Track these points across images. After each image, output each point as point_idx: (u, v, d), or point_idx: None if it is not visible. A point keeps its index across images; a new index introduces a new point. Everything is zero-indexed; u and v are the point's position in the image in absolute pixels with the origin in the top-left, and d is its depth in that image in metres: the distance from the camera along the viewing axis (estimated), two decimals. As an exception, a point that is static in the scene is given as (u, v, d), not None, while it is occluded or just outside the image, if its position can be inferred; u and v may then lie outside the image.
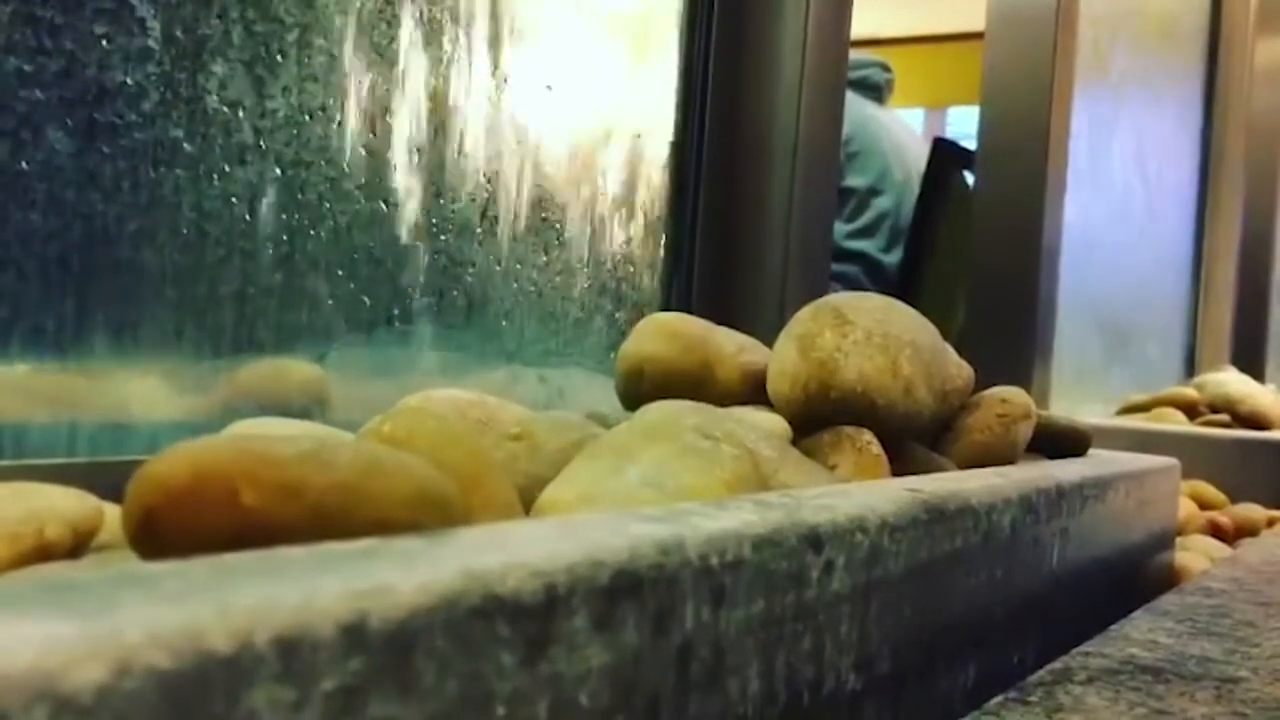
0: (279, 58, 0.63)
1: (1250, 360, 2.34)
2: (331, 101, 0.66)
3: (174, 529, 0.23)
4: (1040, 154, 1.48)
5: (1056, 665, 0.45)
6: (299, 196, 0.65)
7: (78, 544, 0.35)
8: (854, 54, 2.28)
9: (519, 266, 0.81)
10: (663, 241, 0.97)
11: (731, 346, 0.62)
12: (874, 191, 2.15)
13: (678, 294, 0.98)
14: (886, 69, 2.27)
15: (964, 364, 0.62)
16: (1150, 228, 2.10)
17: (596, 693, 0.24)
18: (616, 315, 0.91)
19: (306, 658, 0.18)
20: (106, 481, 0.37)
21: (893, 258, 2.14)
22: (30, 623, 0.15)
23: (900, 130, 2.30)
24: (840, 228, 2.13)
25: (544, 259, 0.84)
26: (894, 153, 2.17)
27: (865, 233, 2.14)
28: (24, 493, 0.35)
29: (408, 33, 0.71)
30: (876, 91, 2.24)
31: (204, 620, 0.17)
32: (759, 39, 1.01)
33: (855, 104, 2.15)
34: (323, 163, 0.66)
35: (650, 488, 0.36)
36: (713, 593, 0.28)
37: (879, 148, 2.16)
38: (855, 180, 2.14)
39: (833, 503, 0.35)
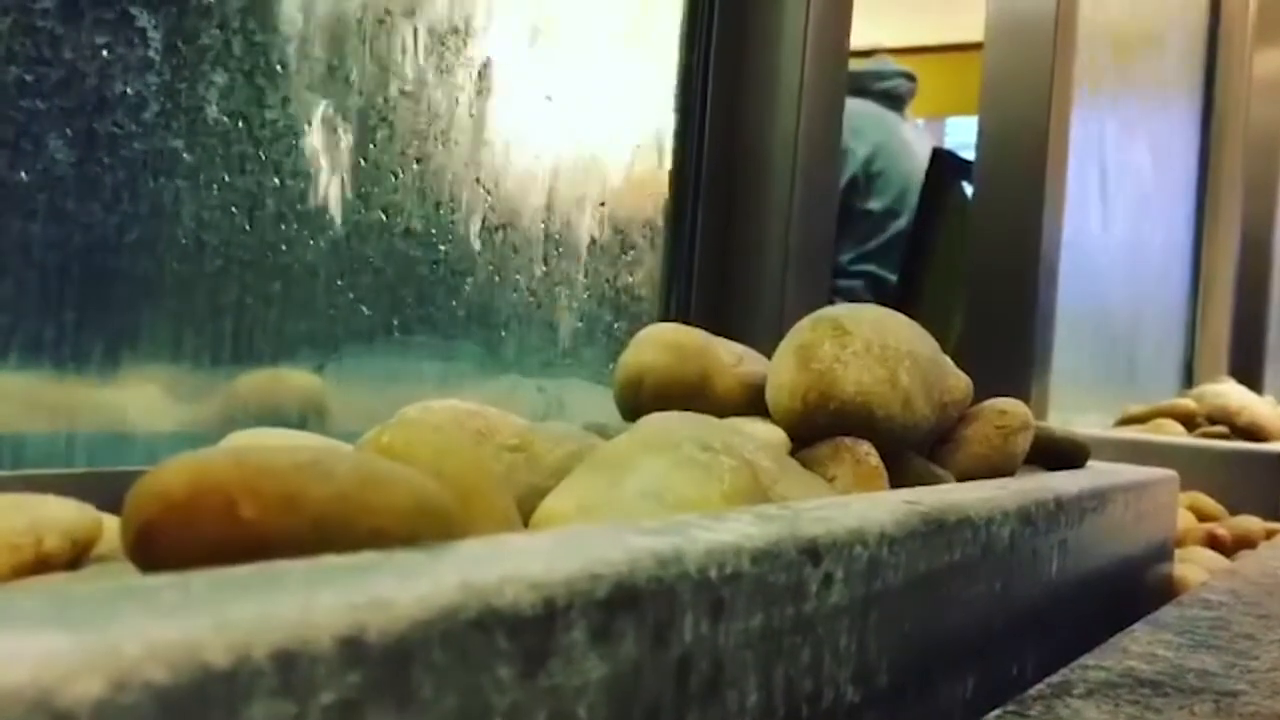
0: (279, 68, 0.63)
1: (1248, 371, 2.34)
2: (330, 112, 0.66)
3: (172, 541, 0.23)
4: (1038, 165, 1.48)
5: (1055, 678, 0.45)
6: (298, 206, 0.65)
7: (76, 555, 0.35)
8: (879, 63, 2.28)
9: (518, 277, 0.81)
10: (662, 252, 0.97)
11: (730, 357, 0.62)
12: (892, 214, 2.14)
13: (677, 304, 0.98)
14: (911, 78, 2.25)
15: (962, 375, 0.62)
16: (1148, 238, 2.11)
17: (595, 706, 0.24)
18: (615, 326, 0.91)
19: (305, 671, 0.18)
20: (105, 492, 0.37)
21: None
22: (28, 636, 0.15)
23: (920, 145, 2.29)
24: (853, 250, 2.13)
25: (543, 269, 0.84)
26: (913, 172, 2.16)
27: (877, 255, 2.14)
28: (23, 504, 0.34)
29: (407, 43, 0.71)
30: (899, 102, 2.23)
31: (202, 634, 0.17)
32: (758, 50, 1.01)
33: (880, 119, 2.15)
34: (322, 172, 0.66)
35: (649, 499, 0.36)
36: (711, 605, 0.28)
37: (899, 168, 2.15)
38: (874, 203, 2.13)
39: (831, 515, 0.35)
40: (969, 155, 1.73)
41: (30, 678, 0.15)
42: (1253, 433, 1.52)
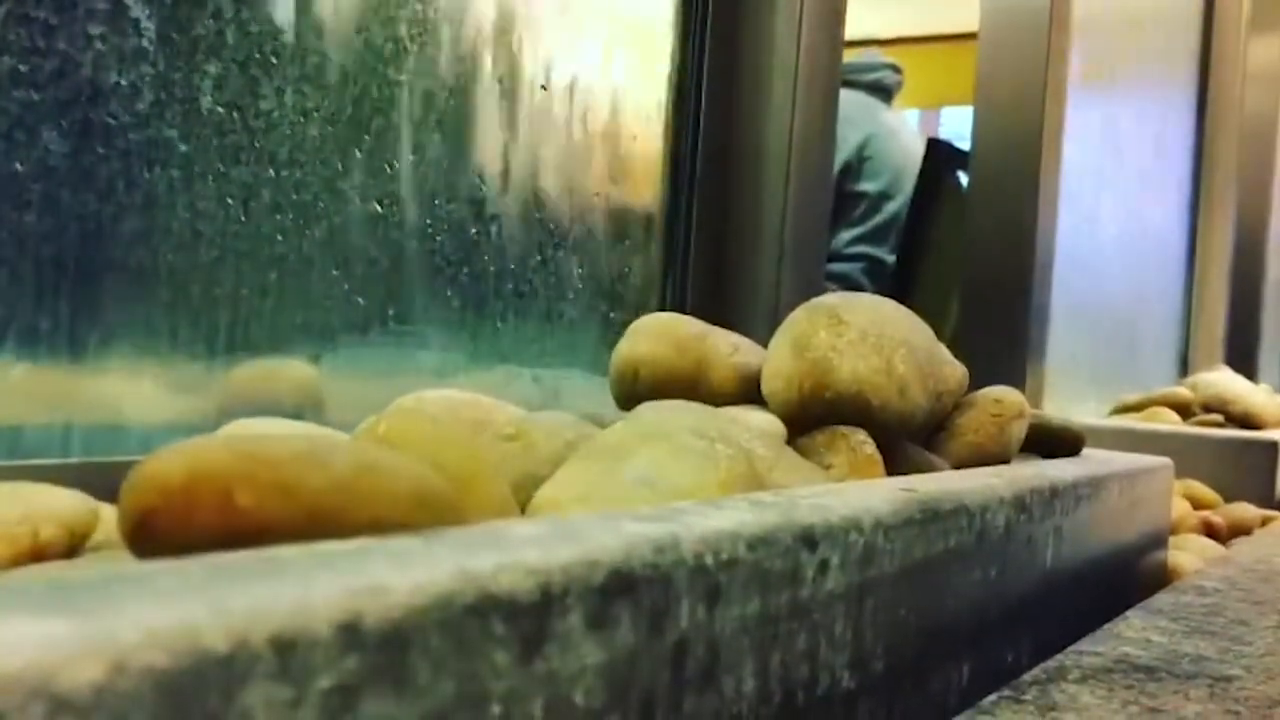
0: (273, 58, 0.63)
1: (1243, 360, 2.35)
2: (326, 102, 0.66)
3: (169, 529, 0.23)
4: (1033, 154, 1.48)
5: (1050, 664, 0.45)
6: (294, 197, 0.65)
7: (73, 544, 0.35)
8: (867, 56, 2.30)
9: (514, 267, 0.81)
10: (657, 242, 0.97)
11: (726, 347, 0.62)
12: (885, 196, 2.16)
13: (673, 294, 0.98)
14: (897, 70, 2.28)
15: (958, 364, 0.63)
16: (1144, 227, 2.11)
17: (591, 691, 0.24)
18: (611, 316, 0.91)
19: (302, 656, 0.18)
20: (102, 482, 0.37)
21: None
22: (27, 622, 0.15)
23: (907, 134, 2.32)
24: (849, 232, 2.14)
25: (538, 259, 0.84)
26: (904, 158, 2.18)
27: (873, 236, 2.15)
28: (19, 493, 0.35)
29: (402, 33, 0.71)
30: (886, 93, 2.25)
31: (200, 619, 0.17)
32: (753, 40, 1.01)
33: (869, 108, 2.17)
34: (318, 163, 0.66)
35: (645, 487, 0.36)
36: (708, 592, 0.28)
37: (890, 153, 2.17)
38: (867, 185, 2.15)
39: (827, 502, 0.36)
40: (965, 145, 1.73)
41: (30, 663, 0.15)
42: (1247, 421, 1.52)
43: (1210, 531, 1.03)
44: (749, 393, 0.59)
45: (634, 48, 0.94)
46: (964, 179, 1.82)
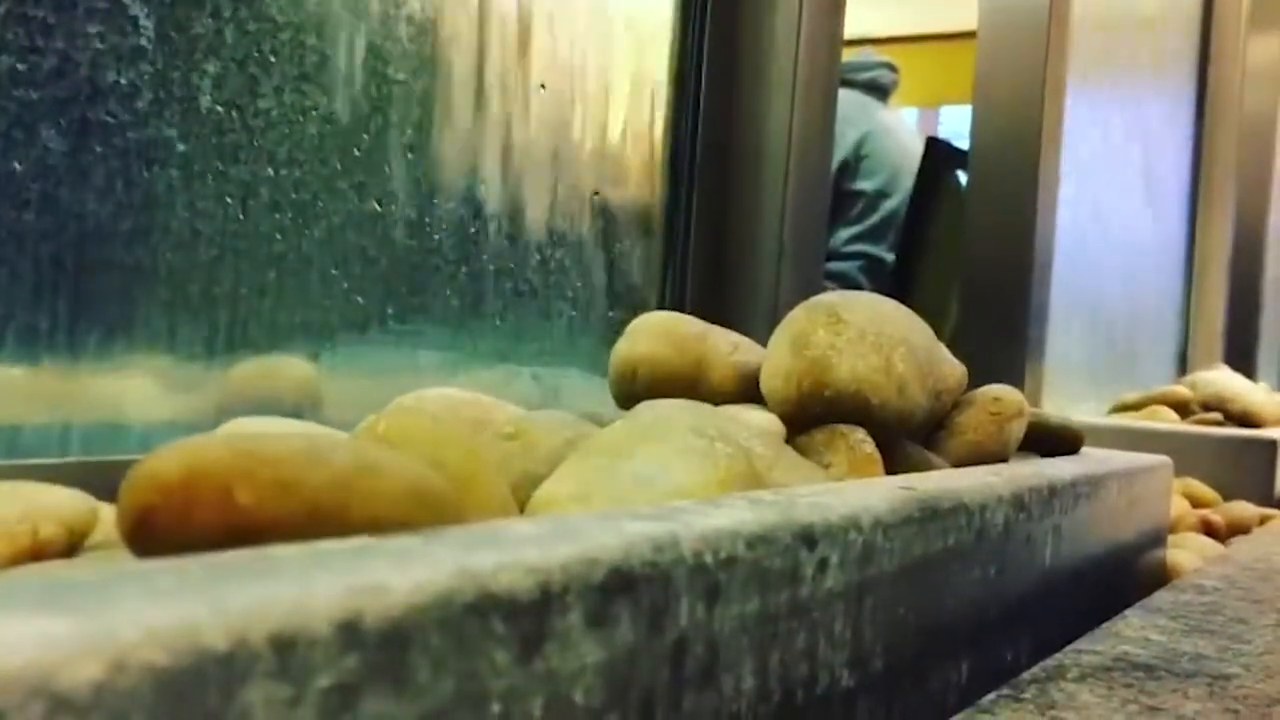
0: (272, 57, 0.63)
1: (1242, 358, 2.35)
2: (324, 100, 0.66)
3: (169, 527, 0.23)
4: (1032, 153, 1.48)
5: (1049, 662, 0.45)
6: (292, 196, 0.65)
7: (73, 543, 0.35)
8: (863, 55, 2.31)
9: (513, 266, 0.81)
10: (657, 241, 0.97)
11: (725, 345, 0.62)
12: (883, 195, 2.16)
13: (672, 293, 0.98)
14: (893, 69, 2.28)
15: (957, 363, 0.63)
16: (1143, 226, 2.11)
17: (591, 690, 0.24)
18: (611, 315, 0.91)
19: (302, 655, 0.18)
20: (101, 481, 0.37)
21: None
22: (26, 621, 0.15)
23: (904, 132, 2.32)
24: (847, 230, 2.15)
25: (538, 258, 0.84)
26: (902, 156, 2.18)
27: (871, 235, 2.15)
28: (19, 492, 0.35)
29: (400, 32, 0.71)
30: (883, 92, 2.25)
31: (200, 618, 0.17)
32: (752, 39, 1.01)
33: (866, 108, 2.17)
34: (316, 162, 0.66)
35: (644, 485, 0.36)
36: (707, 590, 0.28)
37: (888, 152, 2.17)
38: (865, 184, 2.16)
39: (827, 501, 0.36)
40: (964, 144, 1.73)
41: (30, 661, 0.15)
42: (1246, 419, 1.52)
43: (1209, 530, 1.04)
44: (748, 391, 0.59)
45: (633, 46, 0.94)
46: (963, 178, 1.82)
